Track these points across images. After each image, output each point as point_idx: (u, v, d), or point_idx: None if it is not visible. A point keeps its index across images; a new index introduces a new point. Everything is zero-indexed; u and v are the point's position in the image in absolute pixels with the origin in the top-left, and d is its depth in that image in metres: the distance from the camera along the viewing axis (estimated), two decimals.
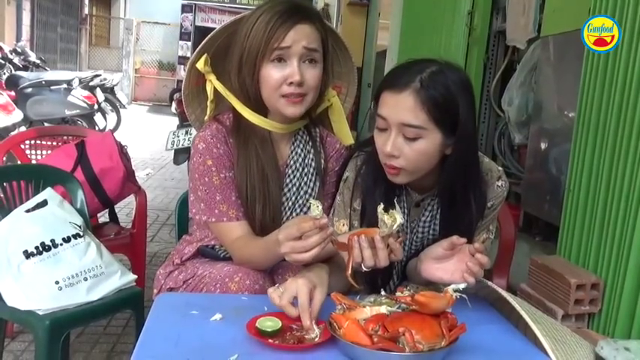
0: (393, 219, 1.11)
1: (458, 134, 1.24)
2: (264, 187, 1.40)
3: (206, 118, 1.49)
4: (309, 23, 1.35)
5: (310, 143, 1.50)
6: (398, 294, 1.07)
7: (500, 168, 1.41)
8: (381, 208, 1.12)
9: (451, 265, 1.21)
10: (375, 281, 1.37)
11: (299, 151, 1.48)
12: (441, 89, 1.21)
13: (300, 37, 1.33)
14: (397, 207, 1.14)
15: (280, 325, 1.04)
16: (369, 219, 1.34)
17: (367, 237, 1.13)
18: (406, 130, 1.22)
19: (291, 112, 1.38)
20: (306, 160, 1.48)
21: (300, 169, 1.47)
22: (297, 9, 1.35)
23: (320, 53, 1.38)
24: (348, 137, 1.58)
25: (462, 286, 1.05)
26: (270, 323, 1.04)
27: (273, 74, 1.35)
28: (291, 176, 1.46)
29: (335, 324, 1.02)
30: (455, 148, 1.26)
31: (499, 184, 1.38)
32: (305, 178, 1.47)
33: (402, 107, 1.21)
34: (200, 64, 1.45)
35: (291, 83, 1.34)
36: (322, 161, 1.50)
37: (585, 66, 1.85)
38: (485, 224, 1.41)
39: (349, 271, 1.14)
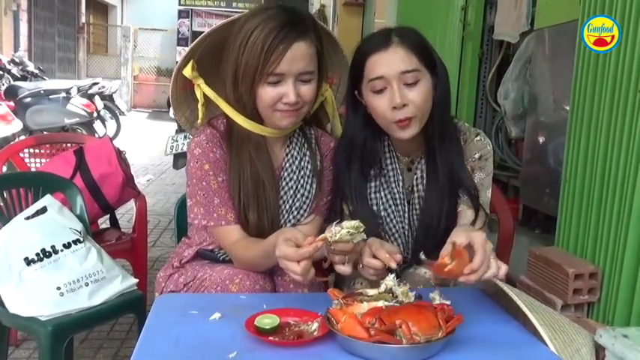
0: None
1: (438, 73, 1.38)
2: (259, 192, 1.40)
3: (198, 122, 1.49)
4: (304, 40, 1.33)
5: (306, 145, 1.50)
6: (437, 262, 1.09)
7: (478, 130, 1.50)
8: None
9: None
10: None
11: (294, 153, 1.48)
12: (414, 37, 1.37)
13: (296, 59, 1.32)
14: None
15: (278, 322, 1.05)
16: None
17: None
18: (406, 77, 1.33)
19: (286, 124, 1.40)
20: (302, 163, 1.47)
21: (297, 172, 1.46)
22: (292, 25, 1.32)
23: (315, 71, 1.38)
24: (338, 129, 1.59)
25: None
26: (268, 320, 1.05)
27: (269, 92, 1.34)
28: (287, 179, 1.46)
29: (332, 319, 1.02)
30: (437, 90, 1.38)
31: (478, 138, 1.47)
32: (302, 181, 1.46)
33: (395, 59, 1.33)
34: (187, 71, 1.44)
35: (286, 103, 1.35)
36: (318, 162, 1.50)
37: (577, 58, 1.86)
38: (481, 180, 1.45)
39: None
